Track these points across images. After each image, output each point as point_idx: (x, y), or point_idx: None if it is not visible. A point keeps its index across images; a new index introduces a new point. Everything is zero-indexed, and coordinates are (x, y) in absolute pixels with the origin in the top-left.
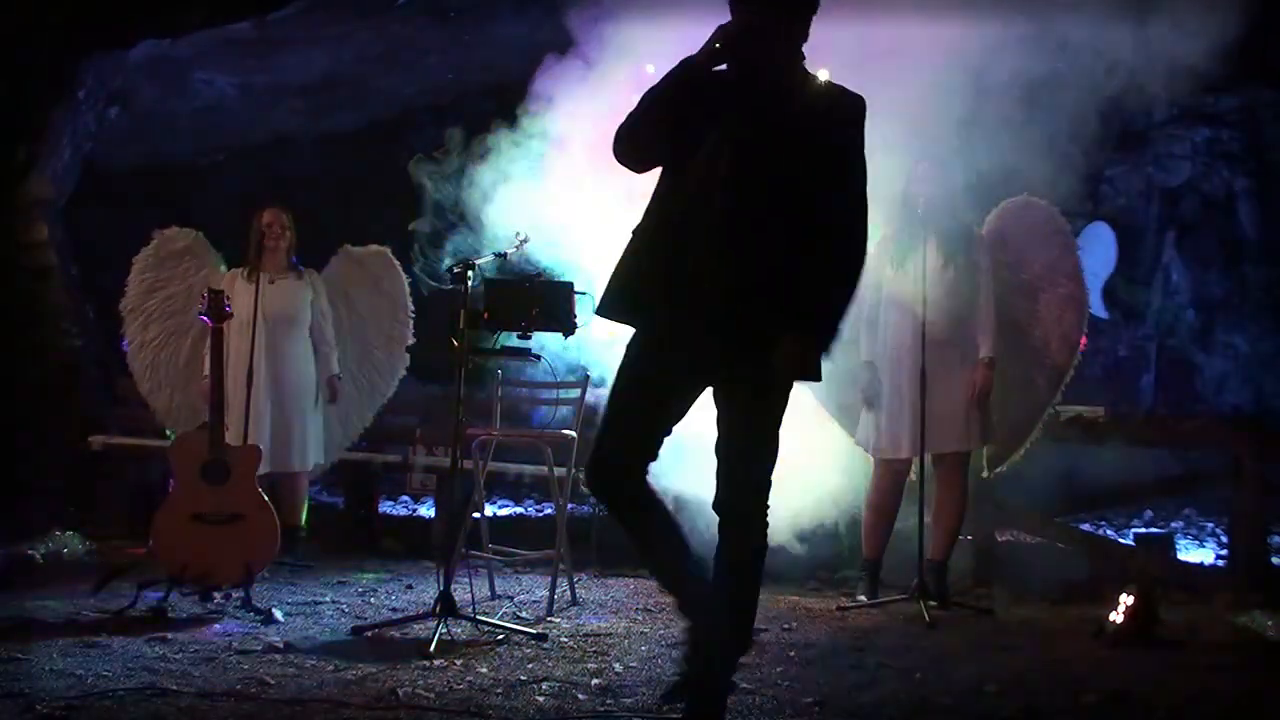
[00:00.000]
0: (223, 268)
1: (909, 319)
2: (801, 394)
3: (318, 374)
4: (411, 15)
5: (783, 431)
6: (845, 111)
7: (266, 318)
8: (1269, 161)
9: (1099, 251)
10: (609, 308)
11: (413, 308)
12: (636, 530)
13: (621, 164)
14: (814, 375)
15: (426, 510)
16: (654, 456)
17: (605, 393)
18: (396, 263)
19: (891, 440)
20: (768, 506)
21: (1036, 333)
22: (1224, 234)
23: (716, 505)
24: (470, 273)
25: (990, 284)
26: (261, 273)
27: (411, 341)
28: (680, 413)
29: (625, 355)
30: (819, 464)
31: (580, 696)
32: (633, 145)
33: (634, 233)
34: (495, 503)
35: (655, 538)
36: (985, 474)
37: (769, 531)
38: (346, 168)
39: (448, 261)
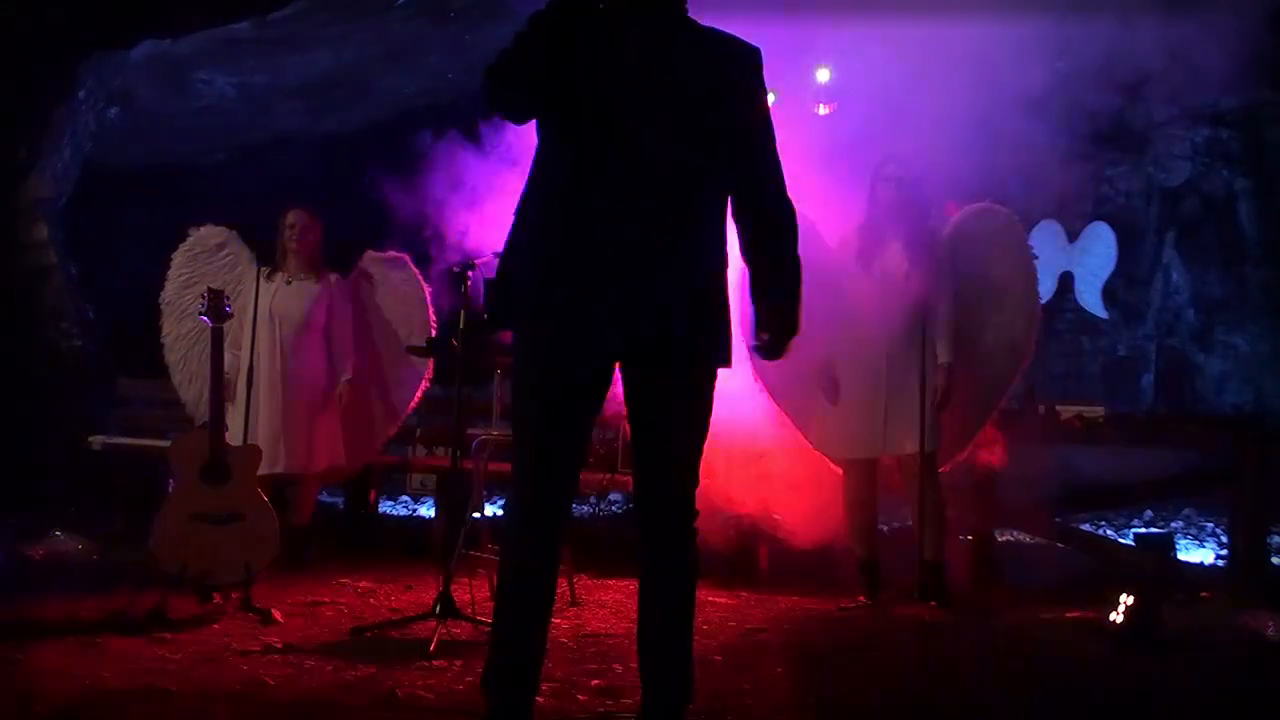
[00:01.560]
0: (255, 265)
1: (873, 320)
2: (756, 393)
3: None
4: (411, 15)
5: (775, 430)
6: (746, 61)
7: (278, 318)
8: (1269, 161)
9: (1099, 251)
10: (516, 313)
11: (433, 313)
12: (536, 579)
13: (494, 110)
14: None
15: (426, 510)
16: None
17: None
18: (415, 269)
19: (849, 440)
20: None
21: (987, 336)
22: (1224, 234)
23: (650, 514)
24: (470, 273)
25: (950, 288)
26: (280, 273)
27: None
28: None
29: (524, 376)
30: (816, 463)
31: (580, 697)
32: (507, 87)
33: (520, 215)
34: (495, 503)
35: (548, 594)
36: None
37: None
38: (346, 168)
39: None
